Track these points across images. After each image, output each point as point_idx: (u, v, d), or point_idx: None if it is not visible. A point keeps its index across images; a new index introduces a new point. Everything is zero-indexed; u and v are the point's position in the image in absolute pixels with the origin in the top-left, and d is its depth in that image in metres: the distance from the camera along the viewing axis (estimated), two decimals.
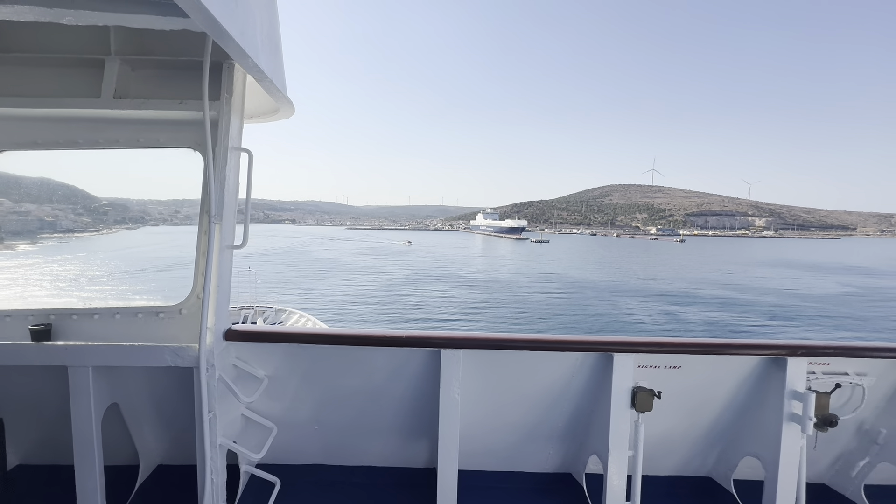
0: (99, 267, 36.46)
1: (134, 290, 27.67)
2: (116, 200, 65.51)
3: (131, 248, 56.72)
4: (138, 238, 63.26)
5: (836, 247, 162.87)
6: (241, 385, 2.29)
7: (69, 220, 56.62)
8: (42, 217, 49.75)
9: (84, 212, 68.46)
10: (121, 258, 45.30)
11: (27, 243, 33.77)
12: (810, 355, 2.23)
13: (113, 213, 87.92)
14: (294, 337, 2.28)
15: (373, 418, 2.51)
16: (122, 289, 28.00)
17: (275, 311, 15.21)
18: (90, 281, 27.47)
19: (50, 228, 44.93)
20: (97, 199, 75.90)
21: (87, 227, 61.09)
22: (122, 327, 2.28)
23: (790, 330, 24.55)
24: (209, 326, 1.98)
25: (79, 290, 23.16)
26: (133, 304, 2.32)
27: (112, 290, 26.83)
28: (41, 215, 48.90)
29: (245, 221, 2.15)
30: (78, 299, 19.75)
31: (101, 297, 22.59)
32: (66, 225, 53.50)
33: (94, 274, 30.47)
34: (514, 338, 2.29)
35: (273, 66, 1.84)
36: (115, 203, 72.10)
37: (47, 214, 54.42)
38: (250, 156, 2.14)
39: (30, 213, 52.66)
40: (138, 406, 2.36)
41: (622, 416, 2.20)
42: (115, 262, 39.73)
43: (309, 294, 33.41)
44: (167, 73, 2.11)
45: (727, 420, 2.47)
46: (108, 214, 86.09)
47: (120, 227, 75.36)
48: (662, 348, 2.21)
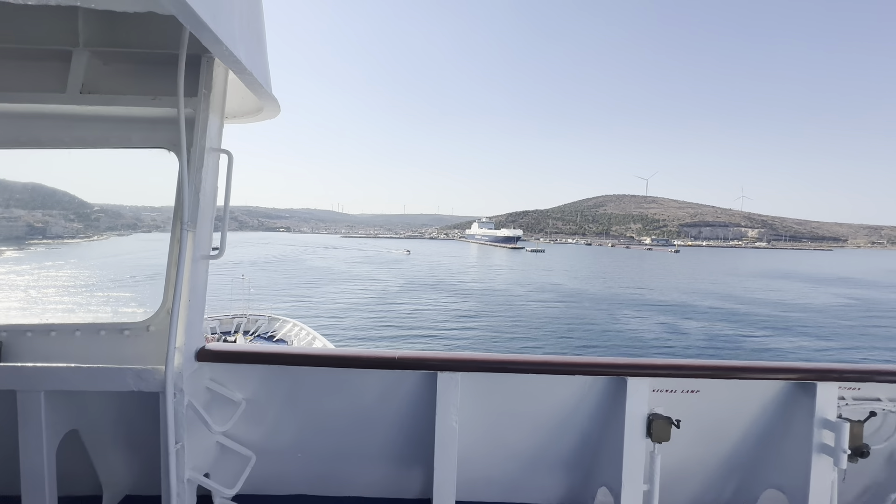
0: (77, 276, 35.86)
1: (115, 300, 27.09)
2: (109, 206, 64.97)
3: (120, 256, 56.10)
4: (129, 245, 62.73)
5: (830, 258, 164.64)
6: (216, 409, 2.10)
7: (59, 227, 56.02)
8: (32, 223, 49.08)
9: (75, 218, 67.91)
10: (109, 265, 44.58)
11: (14, 249, 33.16)
12: (841, 380, 2.06)
13: (105, 219, 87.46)
14: (274, 357, 2.13)
15: (362, 445, 2.33)
16: (100, 297, 27.32)
17: (268, 320, 15.33)
18: (63, 291, 26.79)
19: (39, 234, 44.27)
20: (89, 205, 75.42)
21: (77, 233, 60.45)
22: (83, 346, 2.07)
23: (810, 347, 24.20)
24: (178, 346, 1.81)
25: (46, 302, 22.50)
26: (95, 320, 2.10)
27: (86, 301, 26.13)
28: (31, 221, 48.24)
29: (223, 229, 2.00)
30: (50, 310, 19.15)
31: (73, 308, 21.95)
32: (57, 231, 52.85)
33: (69, 283, 29.85)
34: (518, 359, 2.12)
35: (254, 59, 1.69)
36: (108, 209, 71.44)
37: (37, 220, 53.77)
38: (230, 157, 1.98)
39: (19, 218, 51.83)
40: (101, 432, 2.13)
41: (636, 445, 2.04)
42: (98, 270, 39.16)
43: (302, 303, 33.12)
44: (142, 67, 1.96)
45: (748, 449, 2.29)
46: (100, 221, 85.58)
47: (112, 233, 74.73)
48: (680, 371, 2.05)
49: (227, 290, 20.17)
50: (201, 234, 1.90)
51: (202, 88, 1.87)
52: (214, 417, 2.06)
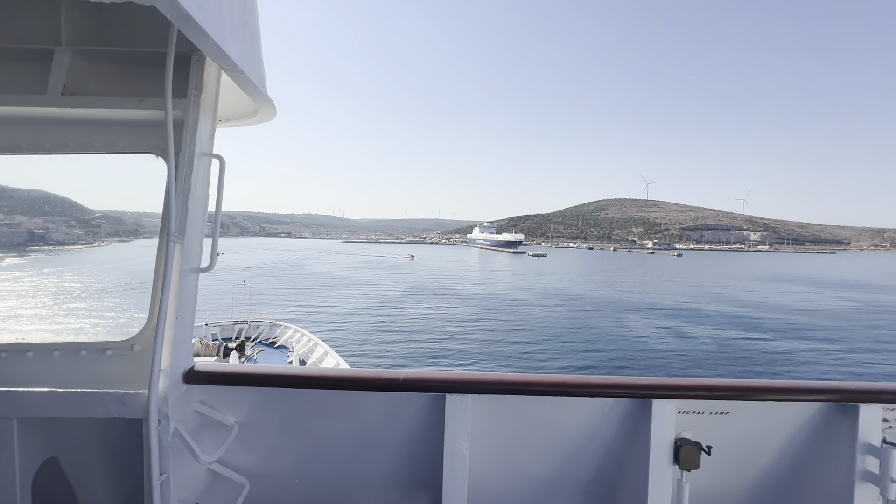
0: (71, 283, 35.62)
1: (107, 307, 26.77)
2: (111, 213, 65.08)
3: (122, 262, 55.97)
4: (130, 251, 62.70)
5: (834, 261, 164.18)
6: (207, 434, 2.00)
7: (61, 233, 56.03)
8: (33, 229, 49.12)
9: (76, 224, 68.02)
10: (109, 271, 44.53)
11: (14, 256, 32.79)
12: (885, 401, 1.92)
13: (107, 225, 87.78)
14: (269, 379, 1.99)
15: (364, 470, 2.16)
16: (93, 305, 26.97)
17: (269, 326, 15.16)
18: (57, 298, 26.39)
19: (40, 241, 44.18)
20: (91, 212, 75.54)
21: (78, 239, 60.40)
22: (62, 367, 1.88)
23: (839, 356, 23.48)
24: (163, 368, 1.72)
25: (41, 315, 22.15)
26: (75, 339, 1.91)
27: (78, 311, 25.80)
28: (32, 227, 48.30)
29: (213, 238, 1.89)
30: (40, 323, 18.83)
31: (65, 320, 21.52)
32: (58, 237, 52.82)
33: (61, 292, 29.58)
34: (532, 380, 1.99)
35: (247, 57, 1.62)
36: (110, 215, 71.57)
37: (38, 227, 53.85)
38: (222, 163, 1.87)
39: (21, 224, 52.07)
40: (83, 460, 1.97)
41: (663, 472, 1.89)
42: (94, 276, 38.92)
43: (302, 308, 32.72)
44: (128, 66, 1.85)
45: (780, 475, 2.10)
46: (101, 227, 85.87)
47: (113, 239, 74.76)
48: (709, 392, 1.92)
49: (228, 296, 19.98)
50: (190, 245, 1.79)
51: (192, 89, 1.76)
52: (205, 443, 1.95)
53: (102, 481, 2.06)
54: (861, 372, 20.79)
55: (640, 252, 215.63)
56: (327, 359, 12.26)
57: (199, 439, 1.92)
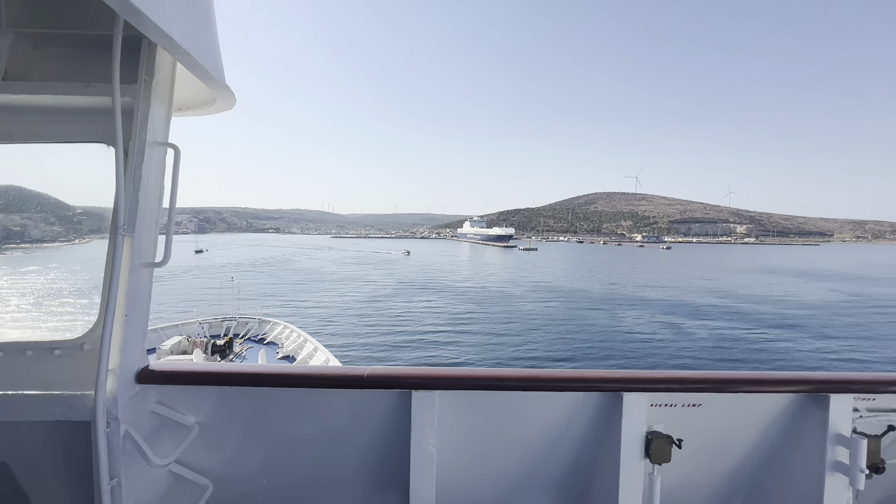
0: (34, 282, 34.10)
1: (62, 306, 25.45)
2: (93, 209, 62.18)
3: (96, 260, 54.31)
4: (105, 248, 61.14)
5: (819, 253, 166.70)
6: (167, 435, 1.93)
7: (39, 230, 54.01)
8: (9, 227, 47.19)
9: (56, 220, 65.93)
10: (83, 270, 42.88)
11: None
12: (855, 391, 1.92)
13: (88, 221, 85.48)
14: (230, 377, 1.93)
15: (333, 469, 2.12)
16: (48, 304, 25.78)
17: (258, 322, 15.02)
18: (26, 298, 25.12)
19: (17, 238, 42.27)
20: (72, 208, 73.48)
21: (57, 236, 58.36)
22: (6, 369, 1.80)
23: (817, 348, 23.39)
24: (111, 368, 1.65)
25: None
26: (20, 339, 1.83)
27: (30, 311, 24.54)
28: (8, 224, 46.40)
29: (168, 232, 1.81)
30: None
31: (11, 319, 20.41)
32: (36, 235, 50.87)
33: (27, 292, 28.28)
34: (501, 374, 1.95)
35: (197, 40, 1.54)
36: (91, 211, 68.96)
37: (15, 224, 51.84)
38: (177, 152, 1.81)
39: None
40: (36, 465, 1.86)
41: (634, 467, 1.89)
42: (61, 274, 37.51)
43: (297, 306, 31.81)
44: (76, 50, 1.75)
45: (754, 467, 2.11)
46: (82, 223, 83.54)
47: (94, 236, 72.64)
48: (680, 385, 1.90)
49: (216, 292, 19.62)
50: (142, 238, 1.71)
51: (142, 74, 1.68)
52: (162, 444, 1.89)
53: (57, 487, 1.91)
54: (840, 360, 20.94)
55: (629, 245, 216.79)
56: (317, 355, 11.96)
57: (156, 441, 1.86)
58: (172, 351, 11.67)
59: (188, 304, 31.78)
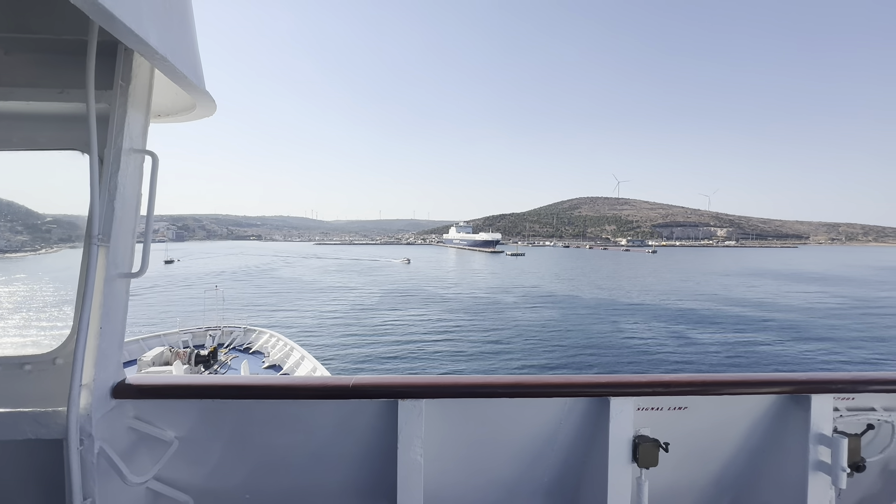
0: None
1: (31, 320, 23.12)
2: (63, 217, 58.65)
3: (69, 270, 51.21)
4: (79, 258, 57.83)
5: (798, 255, 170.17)
6: (144, 451, 1.87)
7: (3, 240, 50.47)
8: None
9: (23, 230, 61.99)
10: (54, 280, 40.18)
11: None
12: (835, 391, 1.95)
13: (58, 230, 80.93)
14: (211, 390, 1.87)
15: (318, 481, 2.08)
16: (16, 318, 23.44)
17: (244, 331, 14.59)
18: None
19: None
20: (41, 216, 69.29)
21: (22, 245, 54.64)
22: None
23: (800, 349, 22.62)
24: (85, 383, 1.59)
25: None
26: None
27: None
28: None
29: (146, 241, 1.76)
30: None
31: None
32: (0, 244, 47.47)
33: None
34: (488, 382, 1.92)
35: (173, 44, 1.48)
36: (62, 220, 65.13)
37: None
38: (155, 159, 1.76)
39: None
40: (5, 486, 1.80)
41: (622, 471, 1.89)
42: (28, 285, 34.90)
43: (285, 315, 29.74)
44: (50, 56, 1.71)
45: (737, 469, 2.12)
46: (51, 232, 79.00)
47: (64, 245, 68.80)
48: (666, 389, 1.91)
49: (200, 302, 19.22)
50: (118, 248, 1.67)
51: (118, 80, 1.64)
52: (140, 461, 1.84)
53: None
54: (819, 360, 21.07)
55: (615, 249, 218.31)
56: (304, 363, 11.48)
57: (134, 458, 1.81)
58: (154, 362, 11.04)
59: (171, 314, 29.91)
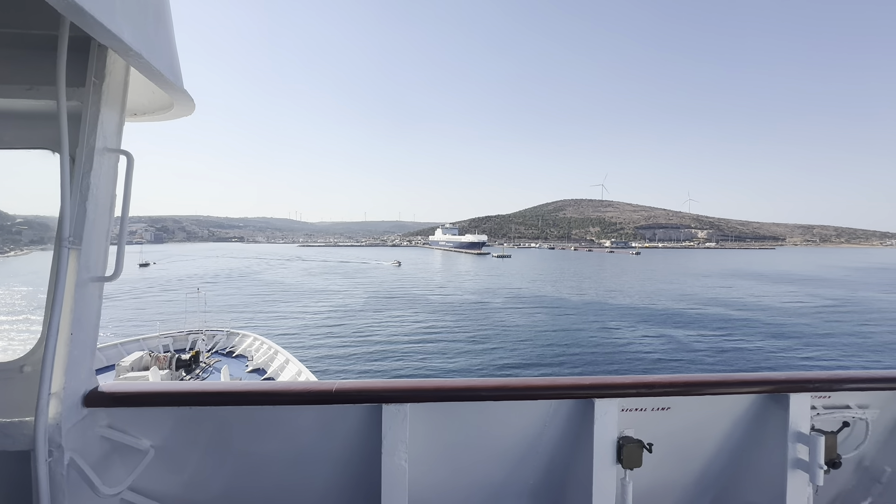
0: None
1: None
2: (36, 218, 55.92)
3: (39, 273, 48.85)
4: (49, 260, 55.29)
5: (776, 256, 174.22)
6: (118, 461, 1.81)
7: None
8: None
9: None
10: (23, 284, 38.05)
11: None
12: (813, 390, 1.99)
13: (29, 231, 77.70)
14: (189, 397, 1.81)
15: (300, 488, 2.04)
16: None
17: (226, 335, 14.28)
18: None
19: None
20: (10, 217, 66.50)
21: None
22: None
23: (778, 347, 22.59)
24: (55, 392, 1.52)
25: None
26: None
27: None
28: None
29: (119, 244, 1.67)
30: None
31: None
32: None
33: None
34: (473, 385, 1.90)
35: (147, 41, 1.41)
36: (33, 221, 62.45)
37: None
38: (130, 159, 1.70)
39: None
40: None
41: (606, 473, 1.89)
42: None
43: (259, 319, 28.63)
44: (18, 52, 1.64)
45: (721, 466, 2.16)
46: (21, 234, 75.70)
47: (35, 247, 65.87)
48: (650, 390, 1.91)
49: (182, 305, 18.73)
50: (90, 251, 1.60)
51: (91, 77, 1.58)
52: (114, 472, 1.78)
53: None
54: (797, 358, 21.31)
55: (599, 251, 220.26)
56: (288, 367, 11.25)
57: (107, 468, 1.75)
58: (133, 367, 10.64)
59: (151, 316, 28.82)
